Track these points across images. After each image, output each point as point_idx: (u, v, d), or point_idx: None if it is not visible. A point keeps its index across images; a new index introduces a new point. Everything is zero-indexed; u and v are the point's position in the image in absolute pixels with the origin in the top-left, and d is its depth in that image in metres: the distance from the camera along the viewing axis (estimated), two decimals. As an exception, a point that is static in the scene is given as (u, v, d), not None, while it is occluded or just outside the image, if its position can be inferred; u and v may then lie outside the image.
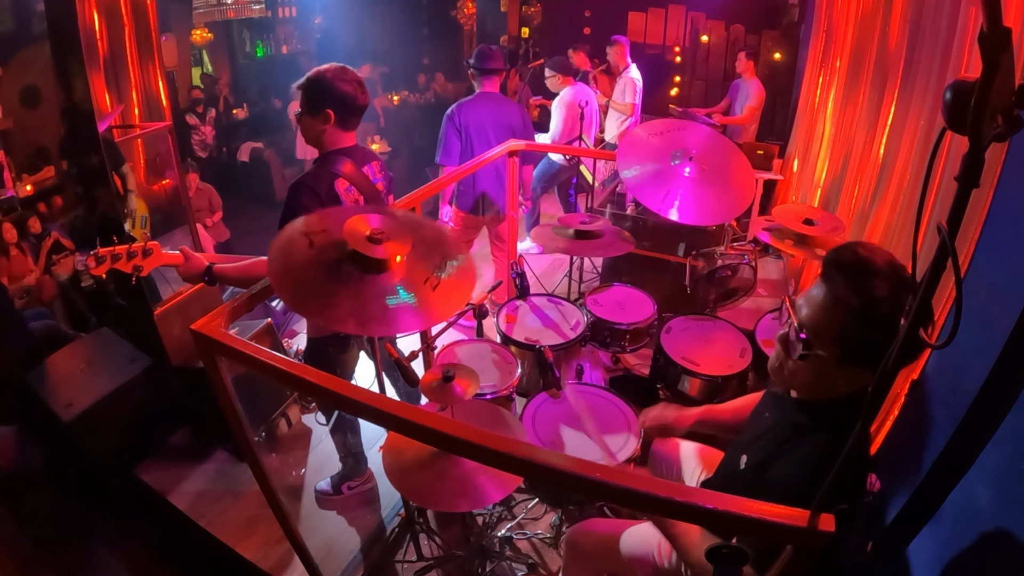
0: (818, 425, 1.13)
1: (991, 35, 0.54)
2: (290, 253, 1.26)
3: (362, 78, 1.90)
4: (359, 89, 1.87)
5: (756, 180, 4.02)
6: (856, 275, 1.02)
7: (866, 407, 0.78)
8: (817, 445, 1.10)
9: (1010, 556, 1.06)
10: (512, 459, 0.96)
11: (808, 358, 1.08)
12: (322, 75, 1.84)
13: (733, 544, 0.89)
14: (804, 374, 1.12)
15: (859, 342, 1.03)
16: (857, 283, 1.01)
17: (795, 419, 1.18)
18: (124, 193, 3.43)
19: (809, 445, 1.11)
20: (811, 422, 1.14)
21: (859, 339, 1.03)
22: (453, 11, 7.44)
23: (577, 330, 2.29)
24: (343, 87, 1.83)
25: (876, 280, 1.00)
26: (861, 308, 1.01)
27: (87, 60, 2.24)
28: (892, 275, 1.01)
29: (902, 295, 1.00)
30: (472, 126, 3.26)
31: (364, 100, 1.90)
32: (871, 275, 1.01)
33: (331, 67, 1.87)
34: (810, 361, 1.09)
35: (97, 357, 2.64)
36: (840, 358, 1.06)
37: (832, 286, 1.05)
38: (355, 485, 2.48)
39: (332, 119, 1.86)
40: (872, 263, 1.02)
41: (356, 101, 1.87)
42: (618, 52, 4.77)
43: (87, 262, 1.53)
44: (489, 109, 3.31)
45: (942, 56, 2.27)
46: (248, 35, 6.88)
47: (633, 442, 1.80)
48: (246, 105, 6.71)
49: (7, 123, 2.99)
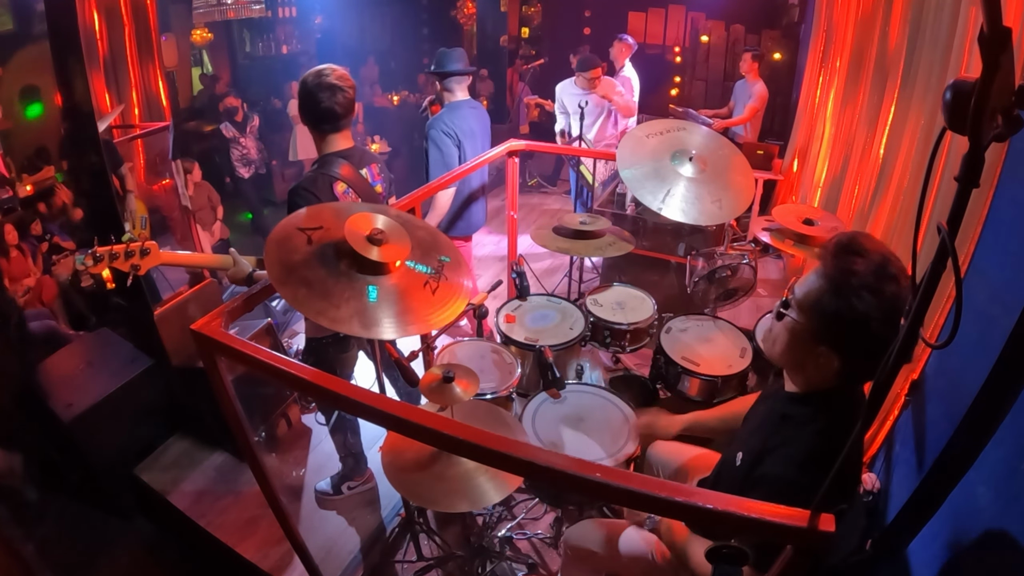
0: (810, 418, 1.14)
1: (991, 35, 0.54)
2: (289, 250, 1.26)
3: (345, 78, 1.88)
4: (341, 96, 1.85)
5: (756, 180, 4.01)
6: (844, 252, 1.07)
7: (866, 407, 0.78)
8: (808, 438, 1.11)
9: (1010, 556, 1.06)
10: (512, 459, 0.96)
11: (785, 320, 1.16)
12: (306, 87, 1.86)
13: (733, 544, 0.89)
14: (782, 341, 1.18)
15: (828, 314, 1.07)
16: (841, 258, 1.07)
17: (786, 412, 1.20)
18: (123, 194, 3.42)
19: (800, 439, 1.12)
20: (804, 415, 1.16)
21: (828, 310, 1.07)
22: (453, 11, 7.44)
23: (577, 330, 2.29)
24: (325, 99, 1.84)
25: (859, 258, 1.05)
26: (837, 279, 1.06)
27: (87, 60, 2.24)
28: (878, 261, 1.04)
29: (882, 281, 1.02)
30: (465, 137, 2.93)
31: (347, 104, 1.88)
32: (856, 253, 1.06)
33: (314, 69, 1.87)
34: (787, 325, 1.15)
35: (97, 357, 2.64)
36: (814, 331, 1.10)
37: (822, 260, 1.11)
38: (355, 485, 2.48)
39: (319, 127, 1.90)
40: (862, 246, 1.07)
41: (338, 110, 1.86)
42: (620, 50, 4.78)
43: (85, 260, 1.53)
44: (475, 117, 3.01)
45: (942, 56, 2.27)
46: (248, 35, 6.88)
47: (632, 442, 1.80)
48: (246, 105, 6.71)
49: (7, 123, 2.99)
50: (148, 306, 2.60)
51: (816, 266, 1.13)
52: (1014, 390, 1.20)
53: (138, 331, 2.67)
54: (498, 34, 6.94)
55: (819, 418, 1.13)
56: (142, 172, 4.04)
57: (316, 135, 1.95)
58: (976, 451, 1.27)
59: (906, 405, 1.85)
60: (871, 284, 1.02)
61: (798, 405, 1.19)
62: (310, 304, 1.18)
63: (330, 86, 1.85)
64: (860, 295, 1.02)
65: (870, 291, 1.02)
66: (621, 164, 2.15)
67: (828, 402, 1.14)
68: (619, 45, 4.80)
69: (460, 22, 7.53)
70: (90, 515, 2.52)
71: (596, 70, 4.24)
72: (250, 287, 1.54)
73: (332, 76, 1.86)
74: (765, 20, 5.94)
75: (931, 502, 1.39)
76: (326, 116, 1.89)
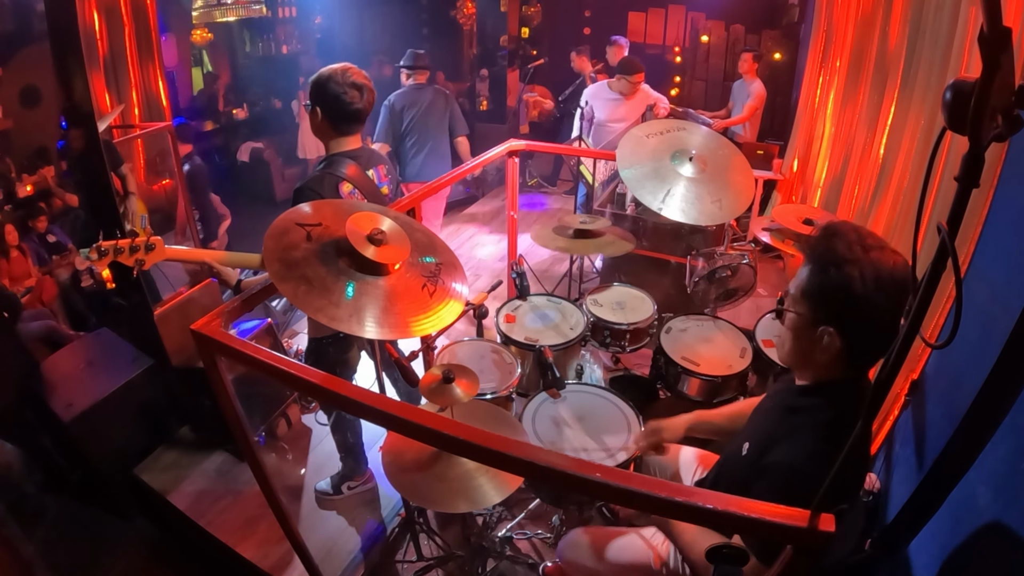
0: (818, 409, 1.15)
1: (991, 35, 0.54)
2: (287, 246, 1.25)
3: (363, 80, 1.87)
4: (355, 94, 1.84)
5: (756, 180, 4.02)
6: (822, 235, 1.13)
7: (867, 405, 0.78)
8: (818, 428, 1.12)
9: (1010, 556, 1.06)
10: (512, 459, 0.96)
11: (784, 316, 1.20)
12: (322, 73, 1.86)
13: (733, 544, 0.90)
14: (787, 337, 1.21)
15: (817, 293, 1.12)
16: (820, 241, 1.13)
17: (795, 403, 1.21)
18: (124, 194, 3.42)
19: (809, 429, 1.13)
20: (812, 406, 1.16)
21: (817, 289, 1.11)
22: (453, 11, 7.43)
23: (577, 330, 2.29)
24: (334, 89, 1.83)
25: (836, 238, 1.10)
26: (819, 259, 1.11)
27: (87, 60, 2.24)
28: (853, 237, 1.09)
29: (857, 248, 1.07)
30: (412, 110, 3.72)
31: (357, 105, 1.87)
32: (833, 235, 1.11)
33: (336, 67, 1.86)
34: (789, 323, 1.19)
35: (97, 357, 2.64)
36: (811, 316, 1.13)
37: (806, 252, 1.16)
38: (355, 485, 2.48)
39: (320, 116, 1.88)
40: (838, 227, 1.13)
41: (347, 107, 1.85)
42: (616, 52, 4.77)
43: (90, 254, 1.53)
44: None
45: (942, 56, 2.27)
46: (248, 35, 6.87)
47: (633, 443, 1.80)
48: (246, 105, 6.71)
49: (7, 123, 2.99)
50: (148, 306, 2.60)
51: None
52: (1014, 390, 1.19)
53: (138, 331, 2.67)
54: (498, 34, 6.93)
55: (828, 409, 1.13)
56: (142, 172, 4.04)
57: (331, 134, 1.92)
58: (976, 451, 1.26)
59: (906, 405, 1.85)
60: (850, 255, 1.07)
61: (807, 397, 1.19)
62: (310, 301, 1.18)
63: (358, 86, 1.85)
64: (841, 266, 1.07)
65: (851, 261, 1.06)
66: (621, 164, 2.15)
67: (837, 393, 1.15)
68: (615, 48, 4.78)
69: (460, 22, 7.53)
70: (90, 515, 2.52)
71: (640, 74, 4.06)
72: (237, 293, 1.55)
73: (357, 76, 1.85)
74: (765, 20, 5.93)
75: (931, 502, 1.39)
76: (355, 116, 1.89)
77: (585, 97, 4.33)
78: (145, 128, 3.89)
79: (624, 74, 4.07)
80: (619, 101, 4.18)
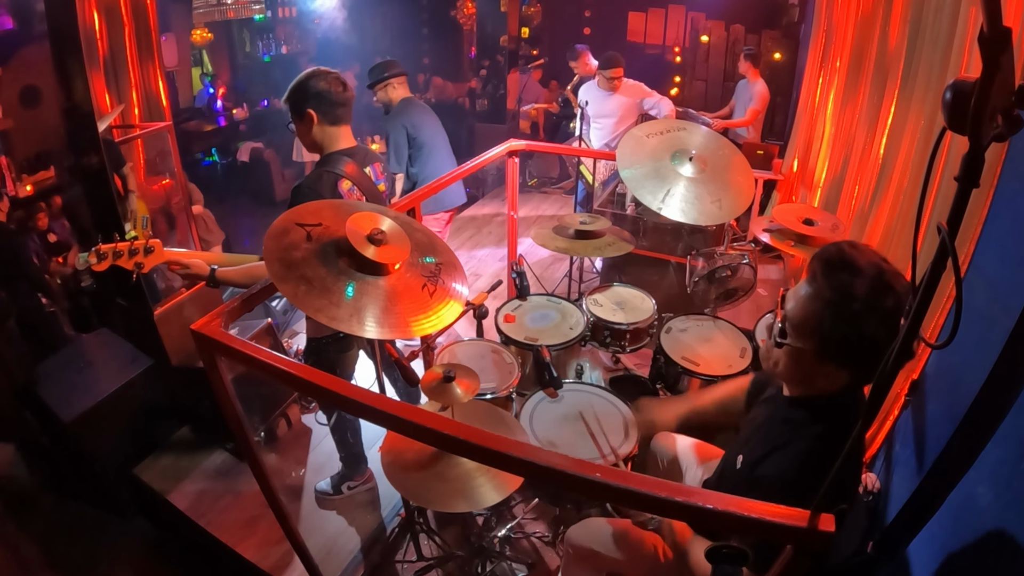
0: (810, 421, 1.14)
1: (991, 35, 0.54)
2: (287, 246, 1.25)
3: (340, 74, 1.90)
4: (336, 84, 1.88)
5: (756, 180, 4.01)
6: (836, 270, 1.04)
7: (866, 407, 0.78)
8: (809, 440, 1.11)
9: (1010, 556, 1.06)
10: (512, 459, 0.96)
11: (785, 347, 1.11)
12: (296, 81, 1.88)
13: (733, 544, 0.89)
14: (784, 363, 1.15)
15: (834, 338, 1.04)
16: (835, 278, 1.03)
17: (787, 415, 1.19)
18: (125, 194, 3.42)
19: (801, 440, 1.12)
20: (803, 418, 1.16)
21: (834, 334, 1.04)
22: (453, 11, 7.44)
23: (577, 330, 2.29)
24: (317, 84, 1.85)
25: (855, 278, 1.01)
26: (837, 303, 1.02)
27: (87, 60, 2.24)
28: (874, 276, 1.01)
29: (882, 297, 1.00)
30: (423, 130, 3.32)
31: (343, 94, 1.90)
32: (851, 272, 1.02)
33: (305, 72, 1.89)
34: (788, 351, 1.11)
35: (97, 357, 2.64)
36: (817, 351, 1.07)
37: (813, 280, 1.07)
38: (355, 485, 2.48)
39: (316, 118, 1.87)
40: (854, 261, 1.03)
41: (333, 95, 1.87)
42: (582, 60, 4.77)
43: (88, 258, 1.53)
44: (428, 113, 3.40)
45: (942, 56, 2.27)
46: (248, 35, 6.88)
47: (631, 441, 1.80)
48: (246, 105, 6.71)
49: (7, 123, 2.99)
50: (148, 306, 2.60)
51: (805, 282, 1.09)
52: (1014, 390, 1.19)
53: (138, 331, 2.67)
54: (498, 34, 6.93)
55: (819, 421, 1.12)
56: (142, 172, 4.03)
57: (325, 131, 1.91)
58: (976, 451, 1.26)
59: (906, 405, 1.85)
60: (872, 303, 0.99)
61: (798, 409, 1.18)
62: (310, 301, 1.18)
63: (340, 80, 1.88)
64: (865, 319, 0.99)
65: (872, 311, 0.99)
66: (621, 164, 2.15)
67: (828, 405, 1.13)
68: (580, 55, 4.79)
69: (460, 22, 7.53)
70: (90, 515, 2.52)
71: (619, 68, 4.03)
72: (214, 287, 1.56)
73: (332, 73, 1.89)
74: (765, 20, 5.93)
75: (931, 502, 1.39)
76: (345, 102, 1.89)
77: (582, 96, 4.39)
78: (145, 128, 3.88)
79: (603, 69, 4.13)
80: (607, 96, 4.23)
